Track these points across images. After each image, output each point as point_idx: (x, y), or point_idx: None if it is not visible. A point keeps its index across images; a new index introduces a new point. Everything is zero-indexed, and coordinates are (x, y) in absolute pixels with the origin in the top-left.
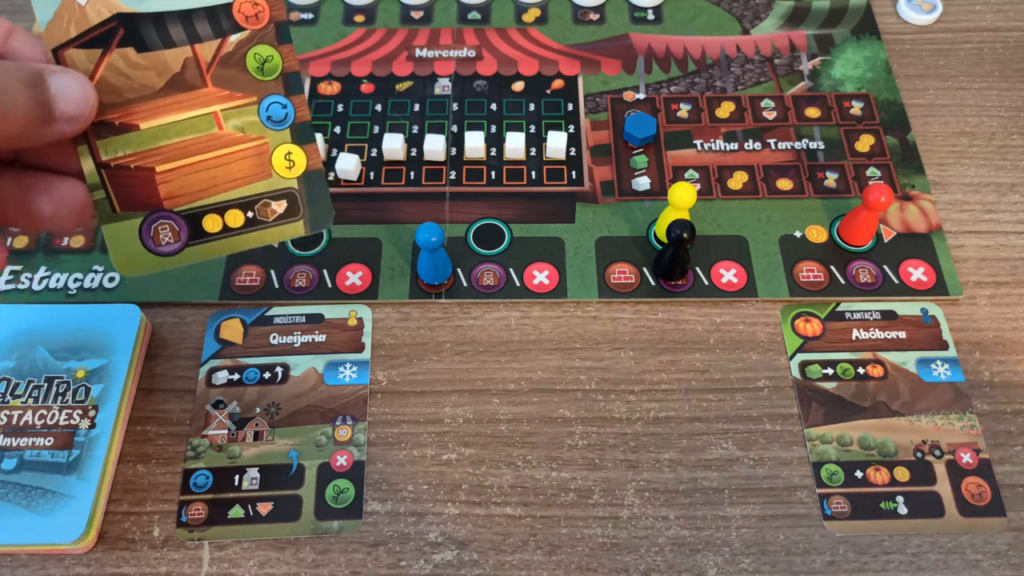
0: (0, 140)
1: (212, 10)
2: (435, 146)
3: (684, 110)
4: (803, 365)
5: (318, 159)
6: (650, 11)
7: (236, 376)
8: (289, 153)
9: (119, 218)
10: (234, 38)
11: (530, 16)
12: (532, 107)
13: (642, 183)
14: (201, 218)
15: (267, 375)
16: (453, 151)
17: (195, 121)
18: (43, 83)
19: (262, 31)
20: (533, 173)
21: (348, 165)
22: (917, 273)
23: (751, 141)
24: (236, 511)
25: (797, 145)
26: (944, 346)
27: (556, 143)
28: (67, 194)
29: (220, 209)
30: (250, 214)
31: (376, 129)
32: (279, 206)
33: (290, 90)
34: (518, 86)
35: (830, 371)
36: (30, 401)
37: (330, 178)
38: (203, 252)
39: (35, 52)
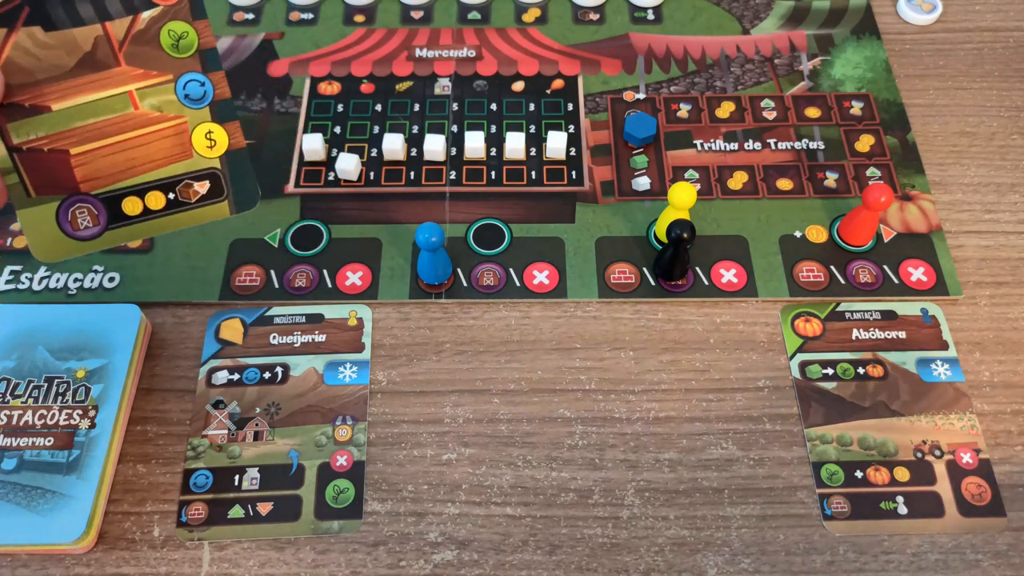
0: None
1: None
2: (435, 146)
3: (684, 110)
4: (803, 365)
5: (240, 138)
6: (650, 11)
7: (236, 376)
8: (210, 132)
9: (35, 203)
10: (146, 15)
11: (530, 16)
12: (532, 107)
13: (642, 183)
14: (120, 201)
15: (267, 375)
16: (453, 151)
17: (109, 101)
18: None
19: (175, 7)
20: (533, 173)
21: (348, 165)
22: (917, 273)
23: (751, 141)
24: (236, 511)
25: (797, 145)
26: (944, 346)
27: (556, 143)
28: None
29: (140, 191)
30: (171, 196)
31: (376, 129)
32: (201, 187)
33: (207, 67)
34: (518, 86)
35: (830, 371)
36: (30, 401)
37: (331, 179)
38: (124, 235)
39: None
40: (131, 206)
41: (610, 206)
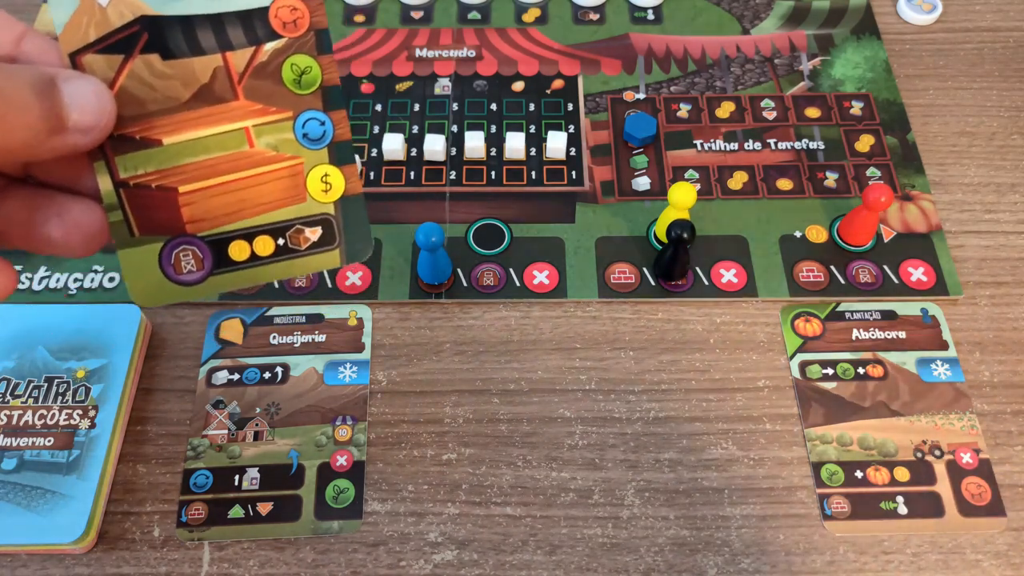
0: (6, 151)
1: (246, 15)
2: (435, 146)
3: (684, 110)
4: (803, 365)
5: (357, 182)
6: (650, 11)
7: (236, 376)
8: (326, 175)
9: (137, 243)
10: (269, 46)
11: (530, 16)
12: (532, 107)
13: (642, 183)
14: (227, 244)
15: (267, 375)
16: (453, 151)
17: (223, 137)
18: (55, 89)
19: (300, 39)
20: (533, 173)
21: None
22: (917, 273)
23: (751, 141)
24: (236, 511)
25: (797, 145)
26: (944, 346)
27: (556, 143)
28: (79, 217)
29: (248, 235)
30: (281, 241)
31: (376, 129)
32: (313, 233)
33: (329, 105)
34: (518, 86)
35: (830, 371)
36: (30, 401)
37: None
38: (228, 282)
39: (50, 56)
40: (238, 251)
41: (610, 206)
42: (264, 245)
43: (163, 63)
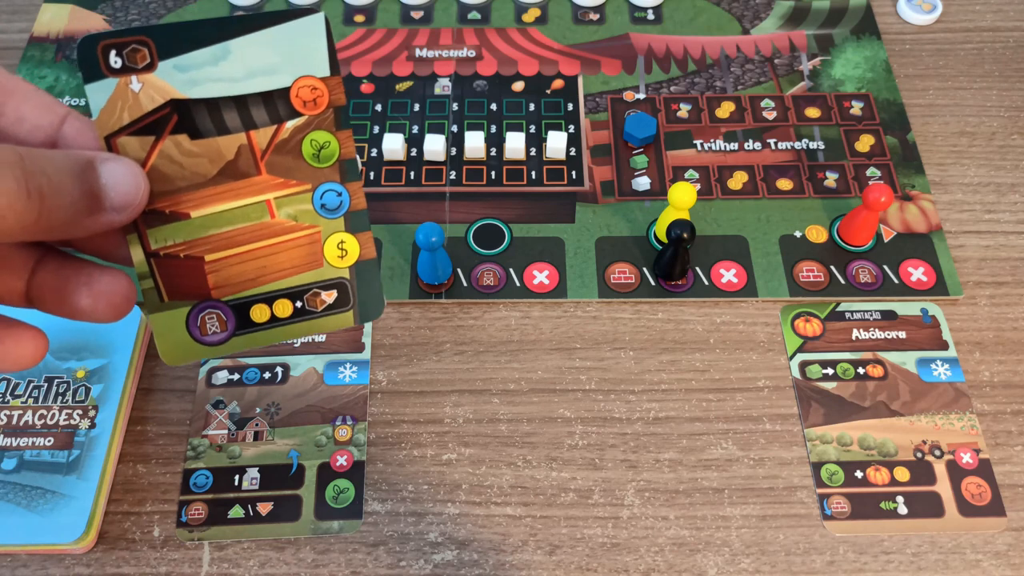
0: (48, 230)
1: (268, 95)
2: (435, 146)
3: (684, 110)
4: (803, 365)
5: (371, 248)
6: (650, 11)
7: (236, 376)
8: (342, 242)
9: (166, 307)
10: (290, 124)
11: (530, 16)
12: (532, 107)
13: (642, 183)
14: (248, 308)
15: (267, 375)
16: (453, 151)
17: (247, 210)
18: (93, 172)
19: (320, 116)
20: (533, 173)
21: None
22: (917, 273)
23: (751, 141)
24: (236, 511)
25: (797, 145)
26: (944, 346)
27: (556, 143)
28: (106, 287)
29: (268, 299)
30: (299, 304)
31: (376, 129)
32: (329, 296)
33: (346, 177)
34: (518, 86)
35: (830, 371)
36: (30, 401)
37: None
38: (248, 342)
39: (87, 138)
40: (259, 313)
41: (610, 206)
42: (283, 308)
43: (191, 142)
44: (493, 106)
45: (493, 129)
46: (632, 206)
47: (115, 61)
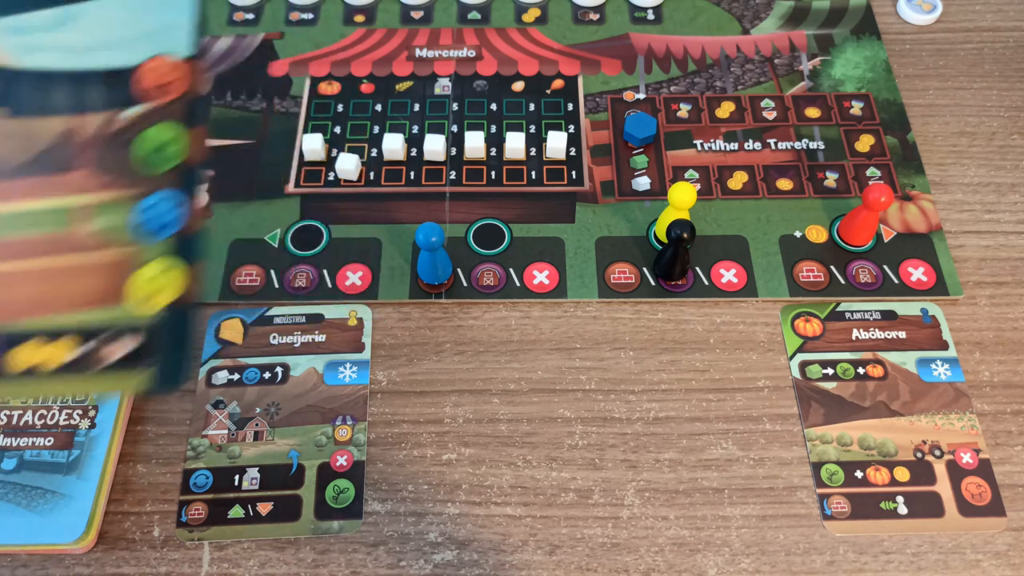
0: None
1: (111, 74)
2: (435, 146)
3: (684, 110)
4: (803, 365)
5: (194, 291)
6: (650, 11)
7: (236, 376)
8: (158, 275)
9: None
10: (130, 112)
11: (530, 16)
12: (532, 107)
13: (642, 183)
14: (16, 343)
15: (267, 375)
16: (453, 151)
17: (44, 215)
18: None
19: (169, 106)
20: (533, 173)
21: (348, 165)
22: (917, 273)
23: (751, 141)
24: (236, 511)
25: (797, 145)
26: (944, 346)
27: (556, 143)
28: None
29: (50, 334)
30: (81, 350)
31: (376, 129)
32: (120, 346)
33: (187, 188)
34: (518, 86)
35: (830, 371)
36: (30, 401)
37: (331, 179)
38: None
39: None
40: (26, 354)
41: (610, 206)
42: (58, 351)
43: (11, 119)
44: (493, 106)
45: (493, 129)
46: (632, 206)
47: None
